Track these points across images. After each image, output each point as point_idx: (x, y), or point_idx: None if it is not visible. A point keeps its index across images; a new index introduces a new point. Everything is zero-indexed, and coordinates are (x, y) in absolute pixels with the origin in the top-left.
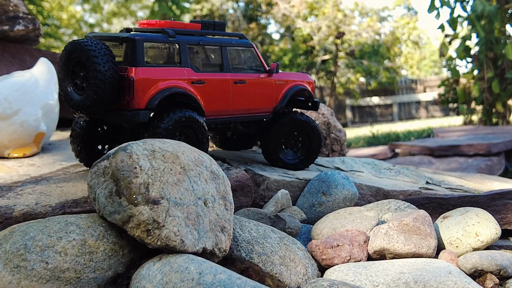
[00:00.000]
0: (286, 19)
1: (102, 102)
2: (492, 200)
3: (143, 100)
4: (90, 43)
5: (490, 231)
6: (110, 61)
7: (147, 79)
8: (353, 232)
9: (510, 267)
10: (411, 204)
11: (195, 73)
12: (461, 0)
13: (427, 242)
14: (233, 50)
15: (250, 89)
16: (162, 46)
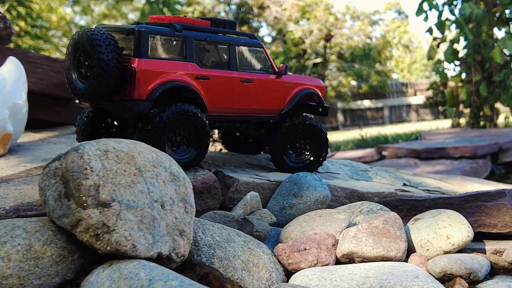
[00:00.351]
0: (278, 22)
1: (104, 90)
2: (466, 202)
3: (144, 91)
4: (96, 33)
5: (462, 234)
6: (114, 51)
7: (150, 70)
8: (322, 235)
9: (480, 270)
10: (384, 206)
11: (200, 69)
12: (449, 4)
13: (396, 245)
14: (242, 49)
15: (257, 89)
16: (168, 39)
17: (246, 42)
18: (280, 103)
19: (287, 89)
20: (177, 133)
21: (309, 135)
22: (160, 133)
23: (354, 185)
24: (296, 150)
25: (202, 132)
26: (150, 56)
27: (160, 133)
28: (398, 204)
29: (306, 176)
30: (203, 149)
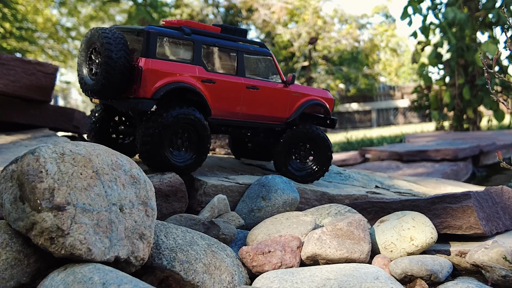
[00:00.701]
0: (267, 25)
1: (111, 87)
2: (433, 204)
3: (149, 90)
4: (107, 31)
5: (425, 235)
6: (123, 49)
7: (156, 70)
8: (287, 238)
9: (441, 272)
10: (352, 209)
11: (206, 72)
12: (433, 8)
13: (360, 247)
14: (250, 56)
15: (263, 96)
16: (176, 42)
17: (255, 50)
18: (286, 111)
19: (294, 99)
20: (177, 136)
21: (312, 144)
22: (159, 134)
23: (325, 187)
24: (300, 159)
25: (202, 138)
26: (157, 56)
27: (160, 134)
28: (366, 207)
29: (275, 178)
30: (201, 154)
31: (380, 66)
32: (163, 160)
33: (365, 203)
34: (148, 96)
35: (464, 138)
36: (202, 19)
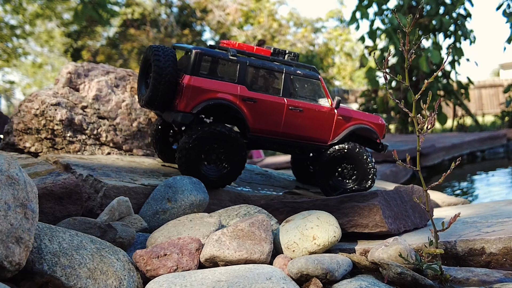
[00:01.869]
0: (221, 26)
1: (158, 98)
2: (342, 203)
3: (189, 104)
4: (159, 48)
5: (328, 234)
6: (171, 66)
7: (197, 87)
8: (185, 240)
9: (338, 270)
10: (262, 209)
11: (248, 91)
12: (379, 14)
13: (260, 247)
14: (297, 79)
15: (306, 117)
16: (221, 62)
17: (303, 73)
18: (330, 134)
19: (340, 122)
20: (211, 150)
21: (354, 162)
22: (192, 147)
23: (242, 188)
24: (342, 177)
25: (235, 152)
26: (200, 74)
27: (192, 147)
28: (279, 207)
29: (183, 179)
30: (235, 168)
31: (334, 70)
32: (196, 173)
33: (277, 203)
34: (188, 110)
35: (406, 140)
36: (154, 19)
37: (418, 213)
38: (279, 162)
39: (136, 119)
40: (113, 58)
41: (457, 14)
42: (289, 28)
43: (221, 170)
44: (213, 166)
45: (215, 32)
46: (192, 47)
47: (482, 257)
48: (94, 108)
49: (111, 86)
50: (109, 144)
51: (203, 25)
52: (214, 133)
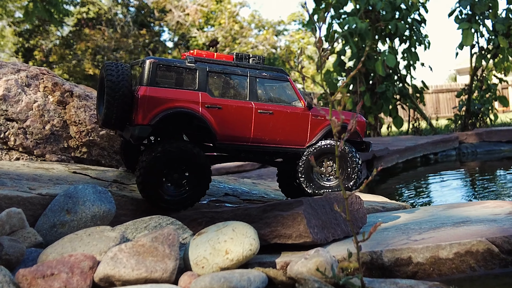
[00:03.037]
0: (181, 27)
1: (113, 116)
2: (264, 212)
3: (146, 116)
4: (112, 64)
5: (243, 247)
6: (124, 80)
7: (153, 97)
8: (77, 258)
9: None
10: (176, 221)
11: (211, 98)
12: (336, 17)
13: (163, 264)
14: (264, 81)
15: (278, 120)
16: (178, 70)
17: (269, 75)
18: (306, 136)
19: (316, 122)
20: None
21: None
22: (150, 167)
23: None
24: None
25: (198, 171)
26: (156, 84)
27: (151, 167)
28: (197, 217)
29: (85, 188)
30: (197, 189)
31: (297, 73)
32: (155, 194)
33: (195, 213)
34: (145, 122)
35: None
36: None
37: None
38: (228, 167)
39: (49, 122)
40: (66, 58)
41: (412, 20)
42: (251, 30)
43: (183, 190)
44: (174, 186)
45: (174, 33)
46: (145, 58)
47: (409, 267)
48: (1, 110)
49: (21, 86)
50: (18, 148)
51: (161, 25)
52: (175, 151)
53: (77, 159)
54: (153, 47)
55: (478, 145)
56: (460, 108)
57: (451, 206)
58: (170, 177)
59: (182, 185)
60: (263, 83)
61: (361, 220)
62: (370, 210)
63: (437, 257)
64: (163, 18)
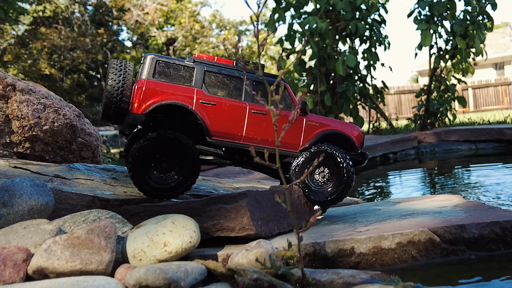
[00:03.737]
0: (140, 26)
1: (109, 109)
2: (208, 206)
3: (141, 106)
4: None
5: (182, 240)
6: (122, 75)
7: (149, 88)
8: (11, 250)
9: (185, 279)
10: (116, 214)
11: (206, 95)
12: (297, 17)
13: (99, 257)
14: (260, 85)
15: (270, 122)
16: (176, 67)
17: (267, 80)
18: (300, 140)
19: (310, 127)
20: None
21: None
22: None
23: (101, 190)
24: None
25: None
26: (154, 78)
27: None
28: (139, 211)
29: (22, 181)
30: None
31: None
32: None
33: (137, 207)
34: (139, 111)
35: None
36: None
37: (296, 214)
38: None
39: None
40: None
41: (372, 20)
42: (212, 30)
43: (171, 180)
44: (163, 174)
45: (133, 32)
46: (147, 54)
47: (351, 257)
48: None
49: None
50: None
51: (120, 24)
52: (164, 139)
53: (20, 154)
54: (111, 46)
55: (436, 145)
56: (419, 108)
57: (402, 200)
58: (159, 166)
59: (170, 174)
60: (259, 87)
61: (309, 214)
62: None
63: (380, 247)
64: (122, 17)
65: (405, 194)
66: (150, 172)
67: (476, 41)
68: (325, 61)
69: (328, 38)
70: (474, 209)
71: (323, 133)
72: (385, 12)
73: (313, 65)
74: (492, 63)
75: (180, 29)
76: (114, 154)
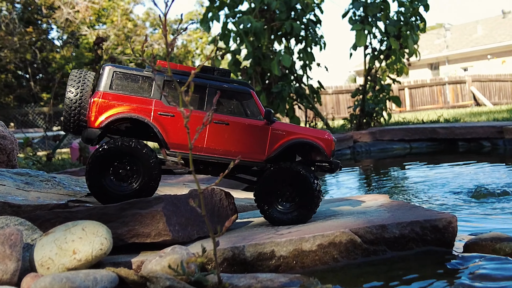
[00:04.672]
0: (70, 25)
1: (69, 121)
2: (122, 211)
3: (97, 119)
4: (75, 71)
5: (92, 247)
6: (80, 87)
7: (105, 101)
8: None
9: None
10: (26, 221)
11: (165, 106)
12: (231, 16)
13: (3, 265)
14: (223, 93)
15: (234, 132)
16: (135, 78)
17: (231, 88)
18: (265, 149)
19: (276, 136)
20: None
21: (294, 183)
22: (95, 161)
23: (13, 196)
24: (285, 199)
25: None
26: (111, 90)
27: (96, 161)
28: (50, 218)
29: None
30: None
31: None
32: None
33: (48, 213)
34: (95, 125)
35: None
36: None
37: (217, 217)
38: None
39: None
40: None
41: (308, 20)
42: (146, 29)
43: (129, 187)
44: (121, 182)
45: (63, 31)
46: (105, 64)
47: (271, 261)
48: None
49: None
50: None
51: (49, 23)
52: (115, 148)
53: None
54: (40, 45)
55: (371, 144)
56: (355, 108)
57: (330, 201)
58: (117, 173)
59: (129, 181)
60: (223, 95)
61: (232, 217)
62: (249, 207)
63: (300, 249)
64: (52, 15)
65: (340, 194)
66: (108, 179)
67: (410, 42)
68: (260, 61)
69: (263, 38)
70: (398, 209)
71: (290, 142)
72: (321, 12)
73: (248, 65)
74: (428, 63)
75: (112, 28)
76: (41, 156)
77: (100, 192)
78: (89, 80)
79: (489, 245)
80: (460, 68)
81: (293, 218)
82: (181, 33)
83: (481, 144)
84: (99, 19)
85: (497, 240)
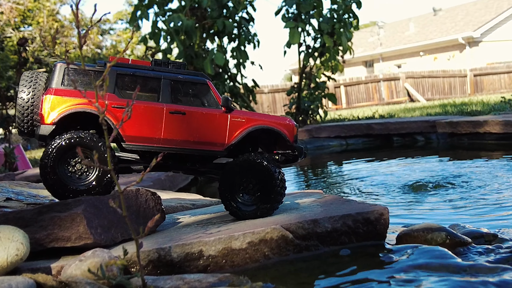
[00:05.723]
0: None
1: (23, 122)
2: (40, 215)
3: (49, 115)
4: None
5: (7, 253)
6: (32, 87)
7: (56, 97)
8: None
9: None
10: None
11: (118, 99)
12: (161, 14)
13: None
14: (179, 84)
15: (192, 121)
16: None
17: (185, 78)
18: (224, 137)
19: (235, 124)
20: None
21: (255, 174)
22: (49, 157)
23: None
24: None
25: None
26: (63, 86)
27: (49, 157)
28: None
29: None
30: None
31: None
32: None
33: None
34: (48, 122)
35: None
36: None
37: (143, 218)
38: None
39: None
40: None
41: (240, 18)
42: (73, 30)
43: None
44: (78, 176)
45: None
46: (57, 62)
47: (200, 261)
48: None
49: None
50: None
51: None
52: (65, 143)
53: None
54: None
55: (308, 141)
56: (291, 106)
57: None
58: (73, 168)
59: (85, 175)
60: (178, 86)
61: (159, 218)
62: (179, 208)
63: (230, 248)
64: None
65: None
66: (64, 174)
67: (343, 39)
68: (193, 60)
69: (195, 36)
70: (331, 203)
71: (250, 129)
72: (253, 10)
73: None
74: (362, 61)
75: (38, 29)
76: None
77: (56, 187)
78: (42, 80)
79: (421, 236)
80: (394, 65)
81: (257, 210)
82: (97, 24)
83: (415, 138)
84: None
85: (429, 230)
